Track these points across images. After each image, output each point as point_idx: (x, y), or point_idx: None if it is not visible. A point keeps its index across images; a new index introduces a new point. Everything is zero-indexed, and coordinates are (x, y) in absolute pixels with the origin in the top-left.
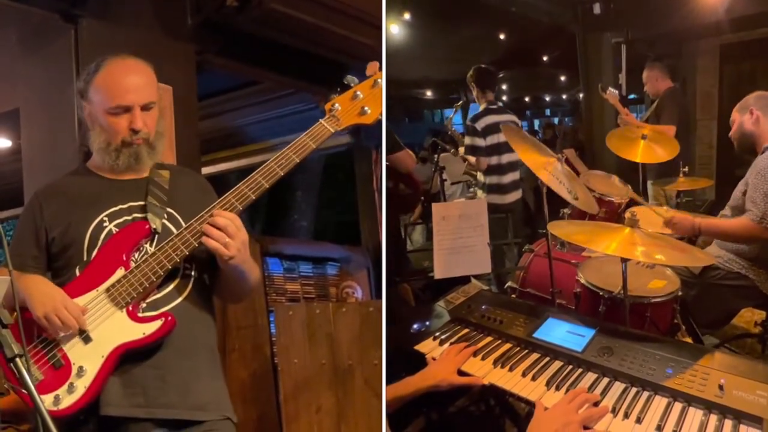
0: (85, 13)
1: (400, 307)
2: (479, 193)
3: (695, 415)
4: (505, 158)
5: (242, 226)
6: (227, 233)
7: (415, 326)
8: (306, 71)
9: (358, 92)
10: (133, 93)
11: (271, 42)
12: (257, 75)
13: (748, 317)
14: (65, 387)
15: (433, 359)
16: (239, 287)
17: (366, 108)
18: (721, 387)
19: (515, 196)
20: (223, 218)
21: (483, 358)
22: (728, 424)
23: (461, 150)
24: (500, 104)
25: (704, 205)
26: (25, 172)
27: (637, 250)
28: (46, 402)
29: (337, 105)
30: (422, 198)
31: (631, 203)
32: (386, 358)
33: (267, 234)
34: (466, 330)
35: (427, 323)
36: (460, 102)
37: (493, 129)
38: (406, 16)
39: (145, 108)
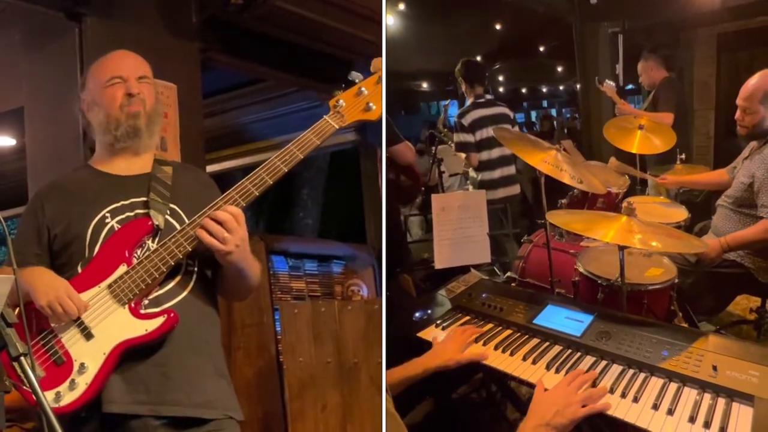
0: (90, 12)
1: (401, 298)
2: (471, 189)
3: (690, 394)
4: (495, 153)
5: (244, 223)
6: (226, 228)
7: (417, 314)
8: (310, 69)
9: (363, 88)
10: (126, 66)
11: (276, 39)
12: (262, 73)
13: (743, 304)
14: (66, 384)
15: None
16: (240, 285)
17: (371, 104)
18: (714, 368)
19: (506, 192)
20: (225, 213)
21: (485, 344)
22: (721, 402)
23: (453, 146)
24: (489, 97)
25: (701, 194)
26: (29, 171)
27: (634, 237)
28: (47, 399)
29: (341, 101)
30: (423, 188)
31: (628, 194)
32: (391, 351)
33: (272, 232)
34: (467, 317)
35: (430, 311)
36: (447, 102)
37: (481, 124)
38: (401, 6)
39: (140, 80)
